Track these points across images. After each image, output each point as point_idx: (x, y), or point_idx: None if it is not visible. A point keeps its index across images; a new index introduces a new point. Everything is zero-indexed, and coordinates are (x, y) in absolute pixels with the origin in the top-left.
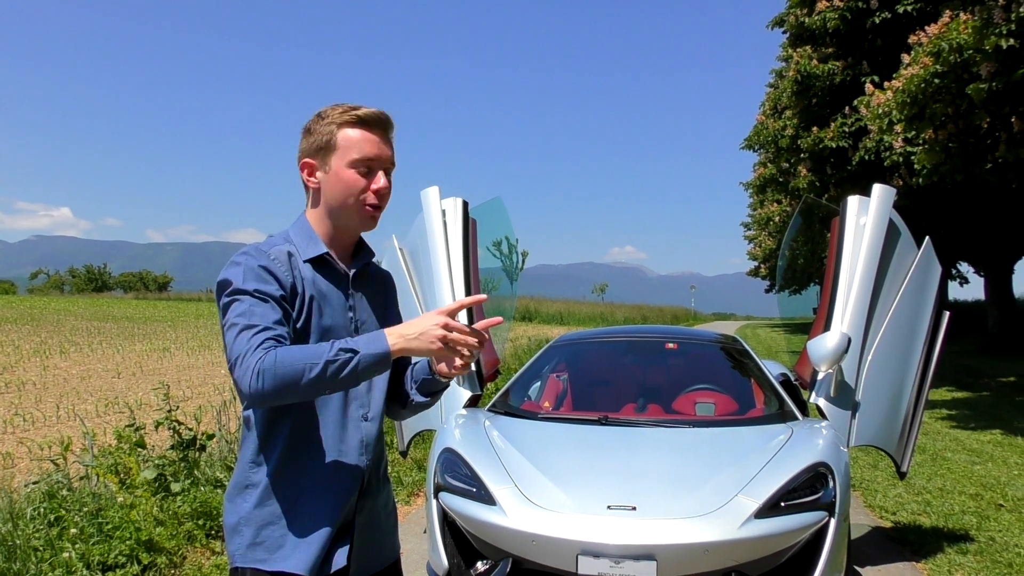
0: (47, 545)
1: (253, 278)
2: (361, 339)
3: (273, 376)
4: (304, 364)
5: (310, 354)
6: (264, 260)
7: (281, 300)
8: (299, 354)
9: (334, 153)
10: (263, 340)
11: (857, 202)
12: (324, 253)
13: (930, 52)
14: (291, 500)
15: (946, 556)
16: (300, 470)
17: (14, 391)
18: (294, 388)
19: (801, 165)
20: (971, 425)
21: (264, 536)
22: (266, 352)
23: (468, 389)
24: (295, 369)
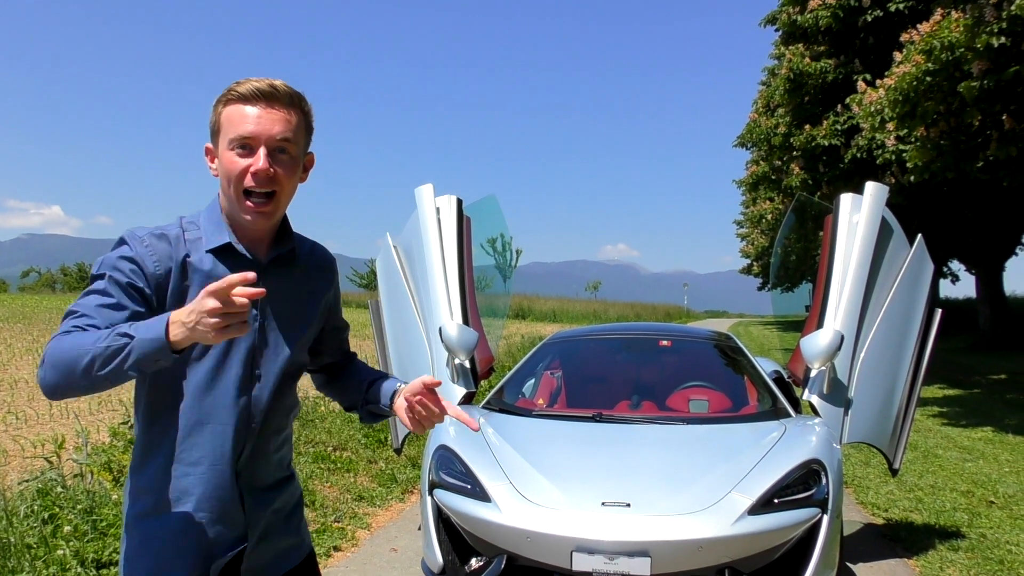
0: (41, 543)
1: (110, 263)
2: (143, 324)
3: (51, 364)
4: (76, 352)
5: (85, 340)
6: (136, 246)
7: (128, 287)
8: (74, 340)
9: (219, 136)
10: (66, 329)
11: (850, 200)
12: (226, 243)
13: (922, 50)
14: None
15: (937, 553)
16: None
17: (6, 389)
18: (72, 376)
19: (794, 163)
20: (962, 422)
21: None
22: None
23: (463, 386)
24: (68, 356)
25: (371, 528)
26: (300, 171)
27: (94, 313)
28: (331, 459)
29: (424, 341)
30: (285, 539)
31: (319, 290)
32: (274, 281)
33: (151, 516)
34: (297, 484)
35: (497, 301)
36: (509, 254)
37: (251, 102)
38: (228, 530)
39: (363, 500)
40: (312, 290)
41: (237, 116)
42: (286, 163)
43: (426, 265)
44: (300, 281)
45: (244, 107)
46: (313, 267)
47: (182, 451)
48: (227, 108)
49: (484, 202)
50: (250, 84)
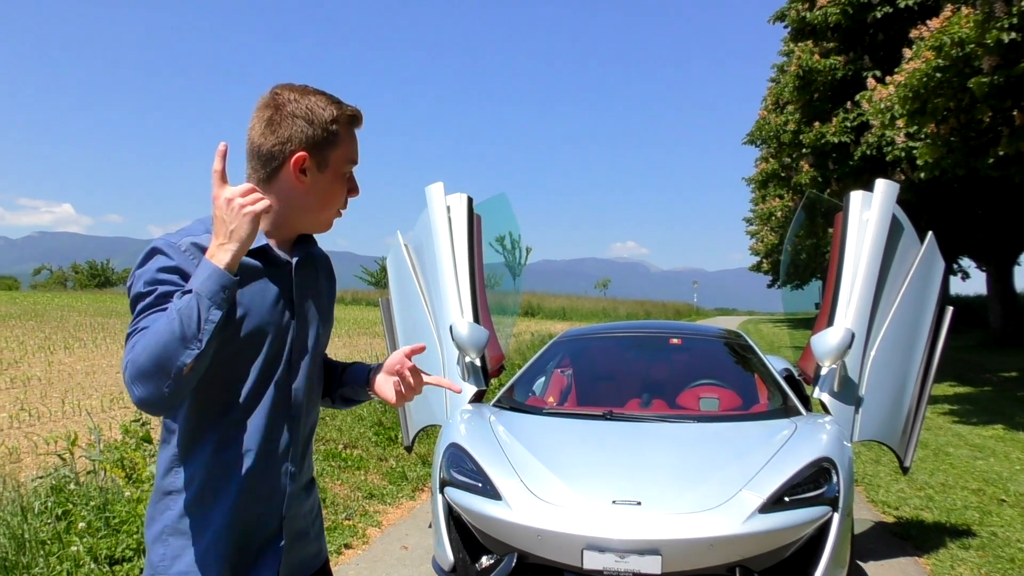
0: (55, 539)
1: (152, 274)
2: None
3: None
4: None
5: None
6: (174, 254)
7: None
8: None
9: (334, 154)
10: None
11: (860, 197)
12: (262, 245)
13: (932, 46)
14: (217, 511)
15: (948, 551)
16: (226, 478)
17: (19, 387)
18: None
19: (803, 160)
20: (973, 420)
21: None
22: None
23: (473, 384)
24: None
25: (382, 526)
26: None
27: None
28: (342, 457)
29: (435, 339)
30: (310, 543)
31: (330, 289)
32: (301, 279)
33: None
34: (318, 490)
35: (507, 299)
36: (519, 252)
37: (357, 127)
38: (267, 527)
39: (374, 498)
40: (325, 288)
41: (352, 142)
42: None
43: (437, 263)
44: (318, 280)
45: (355, 131)
46: (322, 267)
47: (228, 445)
48: (347, 130)
49: (494, 200)
50: (357, 110)
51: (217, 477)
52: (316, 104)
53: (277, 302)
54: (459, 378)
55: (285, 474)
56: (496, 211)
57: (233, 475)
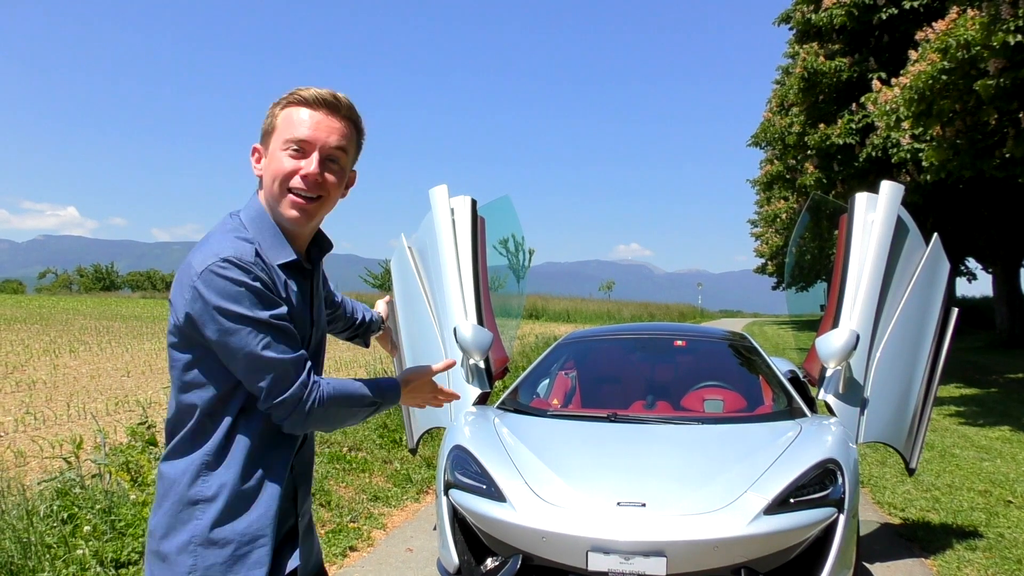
0: (61, 542)
1: (256, 305)
2: (385, 389)
3: (325, 414)
4: (353, 408)
5: (356, 398)
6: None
7: (288, 316)
8: (347, 397)
9: (272, 135)
10: (309, 370)
11: (865, 199)
12: (295, 259)
13: (937, 48)
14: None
15: (955, 553)
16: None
17: (25, 390)
18: (334, 419)
19: (808, 162)
20: (979, 421)
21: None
22: (316, 389)
23: (477, 387)
24: (346, 409)
25: (387, 528)
26: (344, 184)
27: (304, 353)
28: (346, 459)
29: (439, 341)
30: (311, 542)
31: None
32: (315, 281)
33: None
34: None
35: (511, 301)
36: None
37: (313, 107)
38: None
39: (378, 500)
40: (321, 283)
41: (296, 118)
42: (336, 172)
43: (440, 266)
44: (319, 278)
45: (305, 111)
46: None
47: (262, 452)
48: (287, 110)
49: (498, 202)
50: (314, 91)
51: (249, 484)
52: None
53: (305, 310)
54: (463, 380)
55: (302, 473)
56: (500, 213)
57: (266, 480)
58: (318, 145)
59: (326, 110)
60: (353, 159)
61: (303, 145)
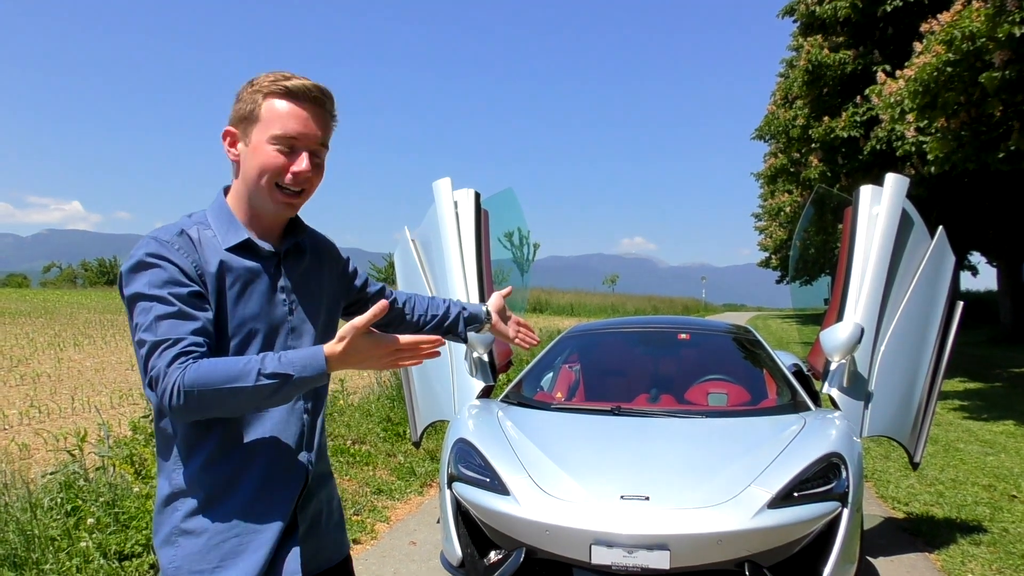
0: (64, 535)
1: (160, 282)
2: (296, 360)
3: (192, 397)
4: (225, 387)
5: (232, 376)
6: (171, 254)
7: (191, 297)
8: (220, 375)
9: (256, 125)
10: (173, 356)
11: (870, 192)
12: (244, 239)
13: (942, 40)
14: (230, 505)
15: (959, 547)
16: (237, 471)
17: (29, 383)
18: (217, 408)
19: (812, 155)
20: (983, 416)
21: (202, 545)
22: (180, 371)
23: (481, 380)
24: (216, 389)
25: (390, 521)
26: None
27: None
28: (350, 452)
29: None
30: (328, 534)
31: (328, 272)
32: (292, 268)
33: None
34: (335, 483)
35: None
36: (527, 248)
37: (300, 101)
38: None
39: (382, 493)
40: (322, 273)
41: (286, 113)
42: (319, 165)
43: (444, 259)
44: (312, 267)
45: (293, 105)
46: (318, 252)
47: (235, 439)
48: (272, 100)
49: (502, 195)
50: (299, 82)
51: (224, 475)
52: (251, 82)
53: (268, 296)
54: (467, 373)
55: (304, 464)
56: (504, 206)
57: (242, 471)
58: (307, 141)
59: (313, 105)
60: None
61: (293, 142)
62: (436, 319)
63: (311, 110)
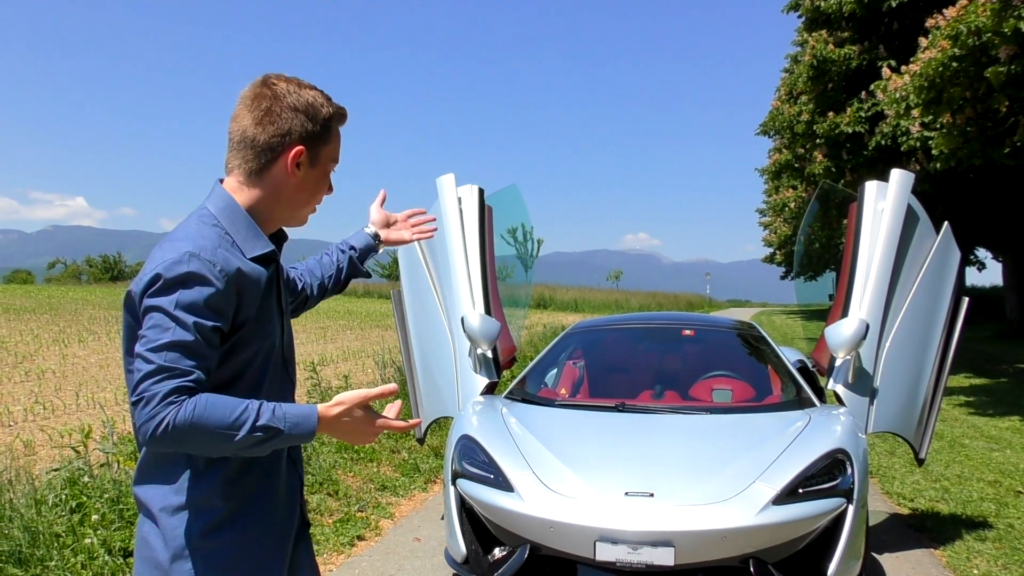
0: (69, 531)
1: (191, 306)
2: (289, 415)
3: (182, 435)
4: (218, 431)
5: (225, 423)
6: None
7: (212, 332)
8: (214, 420)
9: (326, 149)
10: (172, 389)
11: (875, 187)
12: (271, 251)
13: (948, 35)
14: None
15: (964, 543)
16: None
17: (34, 379)
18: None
19: (817, 151)
20: (989, 411)
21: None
22: (175, 408)
23: (485, 376)
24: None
25: (394, 518)
26: None
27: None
28: (354, 449)
29: (446, 331)
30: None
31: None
32: (279, 270)
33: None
34: None
35: (519, 291)
36: (531, 244)
37: (343, 125)
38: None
39: (386, 490)
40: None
41: (339, 139)
42: None
43: (448, 255)
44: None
45: (340, 130)
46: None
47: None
48: (338, 128)
49: (506, 191)
50: (344, 109)
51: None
52: (315, 99)
53: (271, 302)
54: (471, 370)
55: (295, 461)
56: (508, 203)
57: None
58: None
59: None
60: None
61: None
62: (333, 276)
63: None
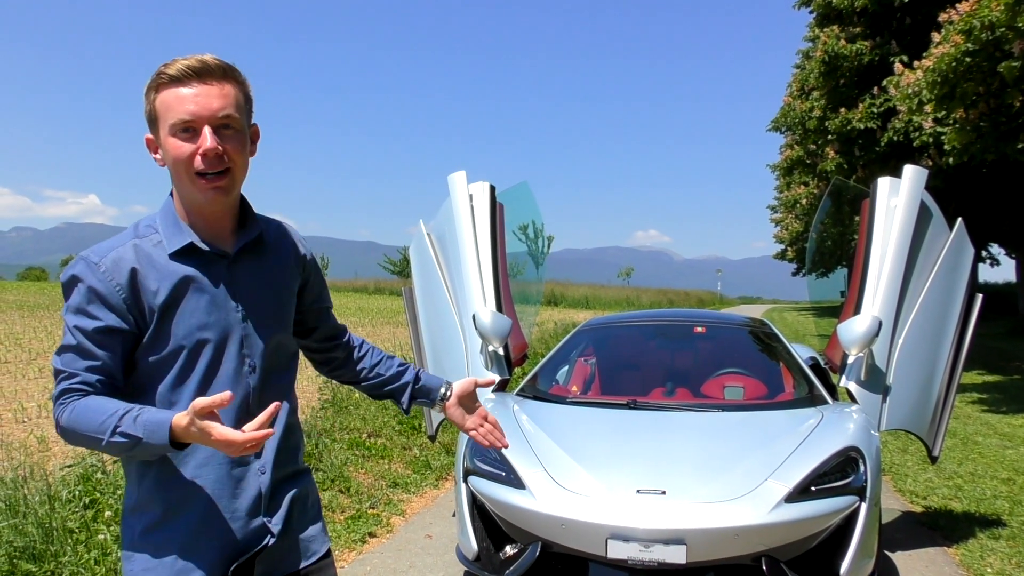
0: (82, 527)
1: (74, 309)
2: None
3: (68, 436)
4: (89, 435)
5: (94, 427)
6: (92, 278)
7: (97, 333)
8: (85, 424)
9: (158, 123)
10: (62, 390)
11: (888, 184)
12: (188, 243)
13: (961, 30)
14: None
15: (978, 541)
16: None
17: (48, 376)
18: (91, 448)
19: (829, 147)
20: (1002, 409)
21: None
22: (63, 408)
23: (496, 373)
24: (81, 437)
25: (406, 514)
26: (249, 144)
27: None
28: (365, 446)
29: (458, 328)
30: (301, 534)
31: (290, 267)
32: (247, 268)
33: (159, 527)
34: (314, 482)
35: (530, 288)
36: (541, 241)
37: (184, 83)
38: (247, 525)
39: (397, 486)
40: (283, 269)
41: (173, 100)
42: (232, 138)
43: (459, 252)
44: (273, 263)
45: (179, 89)
46: (280, 245)
47: (187, 453)
48: (161, 94)
49: (517, 189)
50: (179, 64)
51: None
52: (151, 80)
53: (217, 304)
54: (482, 367)
55: (257, 474)
56: (519, 199)
57: (196, 486)
58: (204, 118)
59: (198, 80)
60: (248, 116)
61: (190, 124)
62: (380, 378)
63: (198, 87)
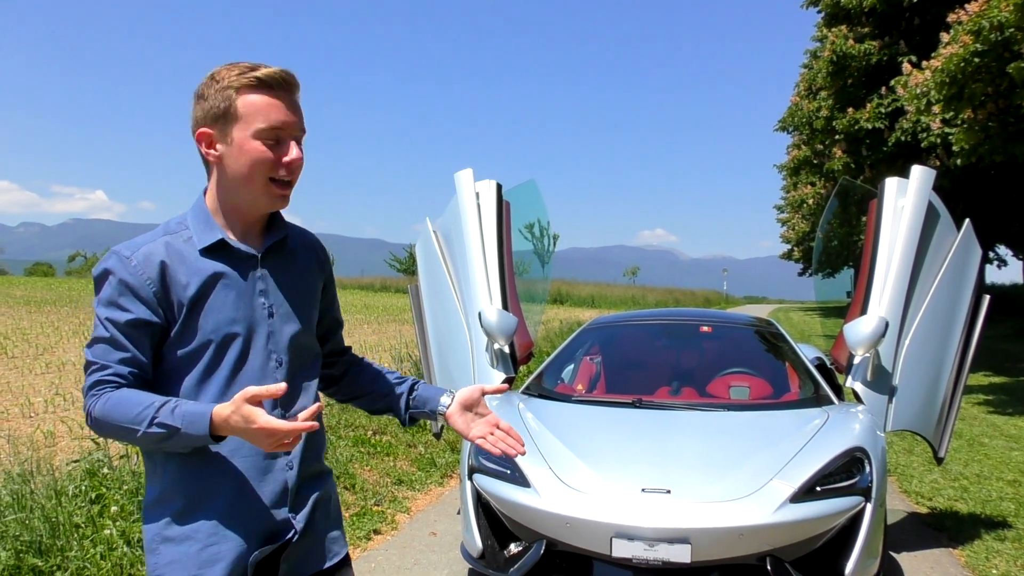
0: (89, 522)
1: (106, 302)
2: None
3: (100, 427)
4: (123, 426)
5: (129, 418)
6: (124, 272)
7: (128, 326)
8: (119, 415)
9: (236, 123)
10: (95, 382)
11: (896, 184)
12: (219, 239)
13: (970, 31)
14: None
15: (983, 543)
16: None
17: (55, 371)
18: (123, 440)
19: (836, 147)
20: (1009, 410)
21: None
22: (95, 399)
23: (502, 371)
24: (117, 427)
25: (410, 512)
26: None
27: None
28: (371, 443)
29: (463, 326)
30: (325, 535)
31: (313, 272)
32: (274, 268)
33: (184, 518)
34: (335, 485)
35: (536, 286)
36: (547, 239)
37: (275, 91)
38: (272, 517)
39: (403, 484)
40: (307, 273)
41: (265, 105)
42: (302, 150)
43: (465, 250)
44: (296, 265)
45: (268, 96)
46: (304, 251)
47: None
48: (248, 96)
49: (523, 187)
50: (269, 71)
51: (201, 482)
52: (218, 77)
53: (244, 300)
54: (488, 365)
55: (284, 469)
56: (525, 198)
57: (222, 477)
58: (292, 130)
59: (287, 93)
60: None
61: (279, 134)
62: (375, 392)
63: (286, 98)
